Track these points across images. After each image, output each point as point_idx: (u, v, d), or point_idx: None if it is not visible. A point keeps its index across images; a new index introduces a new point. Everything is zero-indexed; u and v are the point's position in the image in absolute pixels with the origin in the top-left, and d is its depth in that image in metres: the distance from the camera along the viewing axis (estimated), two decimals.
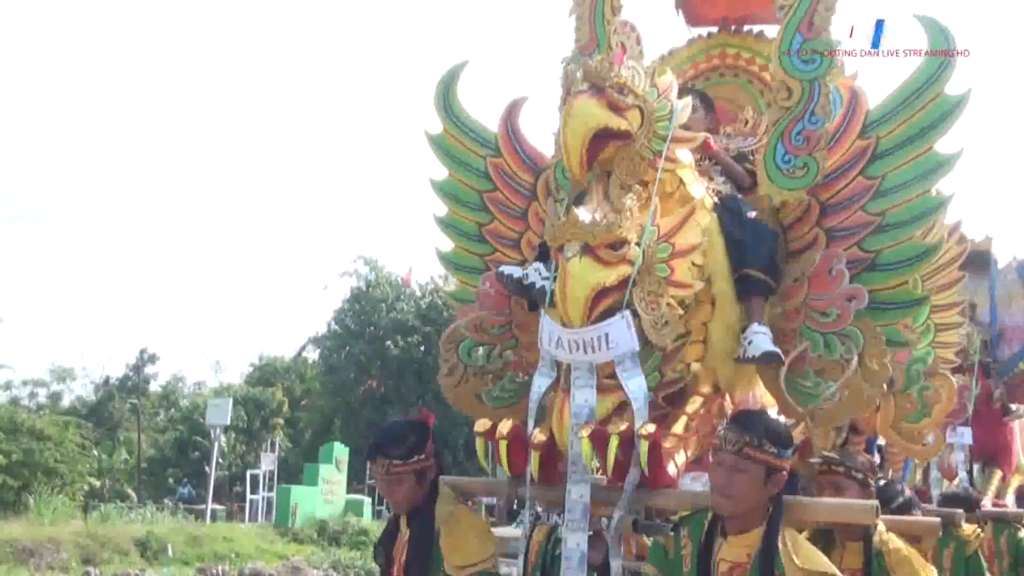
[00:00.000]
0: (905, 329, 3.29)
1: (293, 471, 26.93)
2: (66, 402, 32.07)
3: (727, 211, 3.31)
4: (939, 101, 3.14)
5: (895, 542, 3.46)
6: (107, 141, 68.14)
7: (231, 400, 26.77)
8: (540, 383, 3.09)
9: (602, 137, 2.98)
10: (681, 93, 3.90)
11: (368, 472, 3.80)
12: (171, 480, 30.12)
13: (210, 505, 24.11)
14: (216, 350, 74.93)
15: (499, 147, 3.86)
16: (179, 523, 20.26)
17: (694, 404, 3.21)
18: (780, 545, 2.75)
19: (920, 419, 4.63)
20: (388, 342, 29.07)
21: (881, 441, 5.05)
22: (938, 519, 3.82)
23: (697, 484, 3.08)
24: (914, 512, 4.66)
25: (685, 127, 3.67)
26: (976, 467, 6.72)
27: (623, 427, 2.85)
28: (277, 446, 28.65)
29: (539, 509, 3.14)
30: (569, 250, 2.91)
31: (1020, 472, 7.02)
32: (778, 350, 3.13)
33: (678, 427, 3.10)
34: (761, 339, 3.13)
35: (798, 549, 2.79)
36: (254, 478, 25.51)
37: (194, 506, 25.13)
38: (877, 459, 4.98)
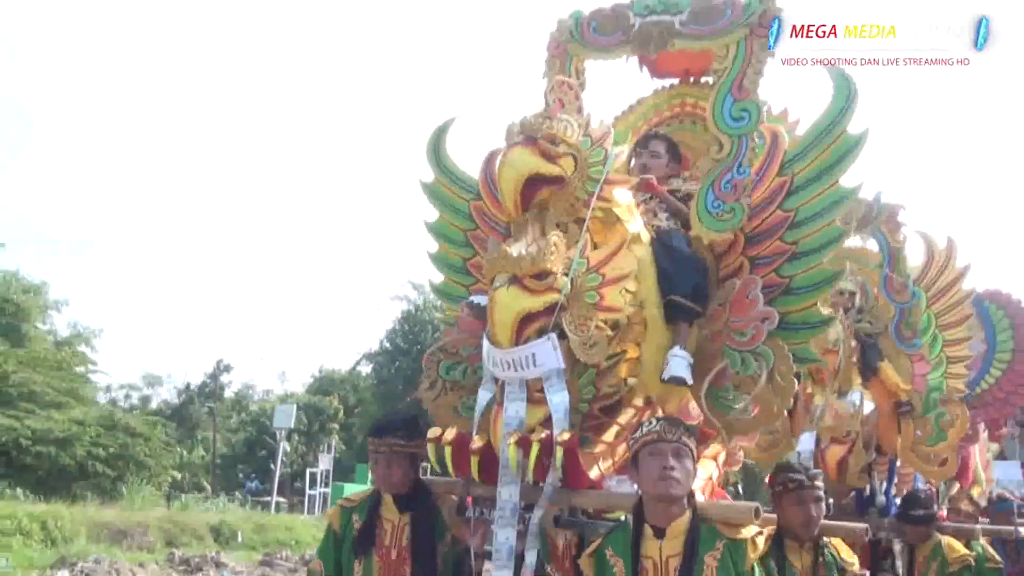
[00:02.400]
0: (815, 347, 3.33)
1: (346, 470, 27.16)
2: (154, 404, 32.75)
3: (660, 244, 3.39)
4: (842, 140, 3.23)
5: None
6: (191, 173, 69.44)
7: (295, 406, 27.08)
8: (483, 397, 3.19)
9: (535, 181, 3.07)
10: (652, 137, 4.04)
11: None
12: (241, 475, 30.52)
13: (275, 498, 24.43)
14: (282, 362, 75.69)
15: (479, 192, 3.97)
16: (247, 513, 20.56)
17: (626, 415, 3.30)
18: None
19: (937, 442, 4.67)
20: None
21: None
22: (864, 525, 3.81)
23: (624, 486, 3.14)
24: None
25: (645, 170, 3.79)
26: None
27: (544, 435, 2.92)
28: (333, 448, 28.94)
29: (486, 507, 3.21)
30: (498, 280, 3.01)
31: (979, 484, 6.96)
32: (684, 375, 3.21)
33: (608, 435, 3.18)
34: (675, 363, 3.21)
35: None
36: (312, 475, 25.78)
37: (260, 498, 25.47)
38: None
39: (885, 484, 5.05)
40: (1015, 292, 6.37)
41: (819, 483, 3.60)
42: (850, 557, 3.63)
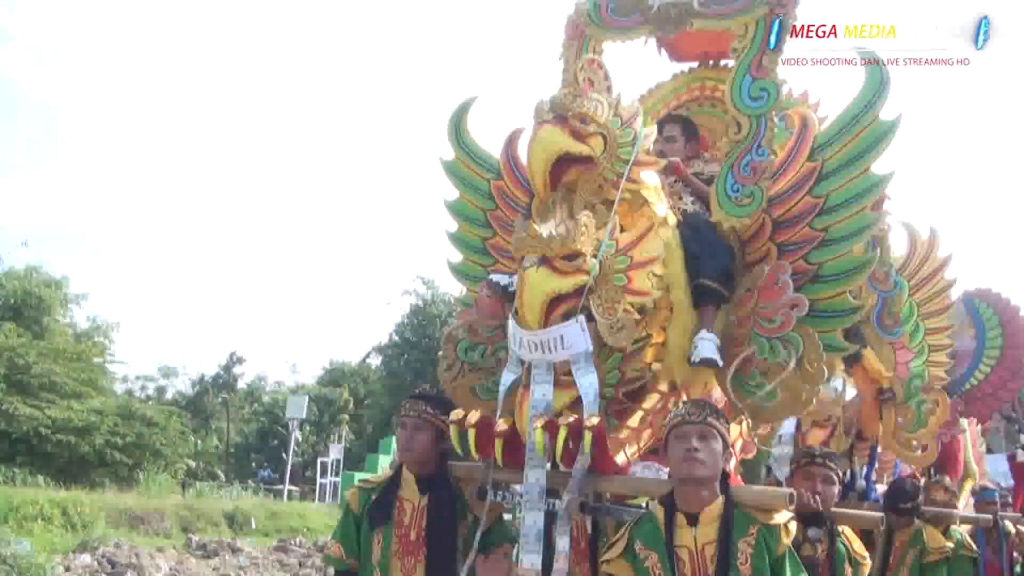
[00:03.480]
0: (842, 336, 3.16)
1: (357, 460, 27.04)
2: (169, 395, 32.63)
3: (688, 227, 3.24)
4: (874, 126, 3.07)
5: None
6: (206, 170, 69.42)
7: (307, 397, 26.96)
8: (507, 379, 3.04)
9: (564, 161, 2.93)
10: (667, 121, 3.88)
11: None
12: (254, 464, 30.46)
13: (287, 486, 24.33)
14: (293, 354, 75.65)
15: (500, 172, 3.82)
16: (261, 500, 20.49)
17: (651, 400, 3.16)
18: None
19: (917, 429, 4.53)
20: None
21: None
22: (879, 514, 3.66)
23: (649, 472, 2.99)
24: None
25: (662, 153, 3.62)
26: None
27: (572, 419, 2.77)
28: (343, 438, 28.81)
29: (504, 490, 3.05)
30: (528, 261, 2.87)
31: (971, 477, 6.84)
32: (715, 357, 3.05)
33: (633, 420, 3.03)
34: (704, 345, 3.05)
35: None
36: (324, 465, 25.68)
37: (273, 487, 25.37)
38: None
39: (866, 469, 4.92)
40: (1006, 292, 6.26)
41: (832, 464, 3.48)
42: (862, 551, 3.50)
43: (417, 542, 3.20)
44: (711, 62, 4.21)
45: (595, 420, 2.74)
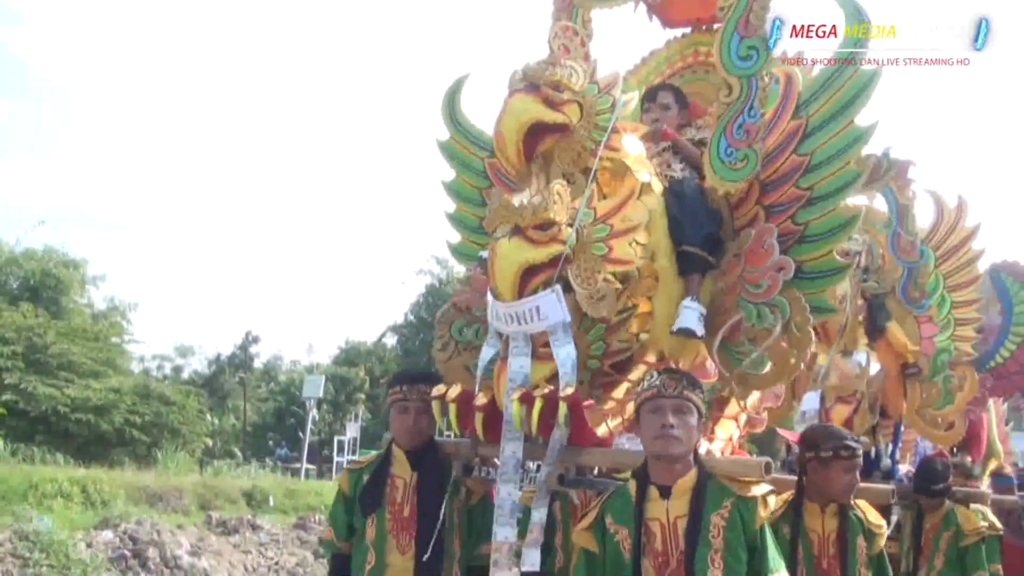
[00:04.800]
0: (831, 297, 3.07)
1: (373, 438, 27.21)
2: (186, 374, 32.87)
3: (672, 194, 3.15)
4: (856, 77, 2.96)
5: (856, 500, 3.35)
6: (221, 151, 69.50)
7: (324, 377, 27.05)
8: (486, 353, 3.00)
9: (538, 130, 2.86)
10: (661, 88, 3.78)
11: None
12: (271, 442, 30.70)
13: (304, 465, 24.47)
14: (308, 334, 75.96)
15: (493, 148, 3.74)
16: (278, 479, 20.60)
17: (638, 371, 3.10)
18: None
19: (944, 406, 4.45)
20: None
21: None
22: (891, 487, 3.56)
23: (634, 444, 2.92)
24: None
25: (657, 121, 3.53)
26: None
27: (547, 390, 2.72)
28: (359, 417, 28.92)
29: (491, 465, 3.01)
30: (500, 231, 2.80)
31: (995, 456, 6.72)
32: (694, 327, 2.95)
33: (618, 392, 2.98)
34: (686, 314, 2.96)
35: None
36: (340, 443, 25.82)
37: (290, 465, 25.52)
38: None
39: (890, 447, 4.76)
40: None
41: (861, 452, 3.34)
42: (877, 520, 3.38)
43: (410, 518, 3.18)
44: (704, 27, 4.08)
45: (570, 391, 2.68)
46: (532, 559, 2.74)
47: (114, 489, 14.45)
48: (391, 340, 34.35)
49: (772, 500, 2.62)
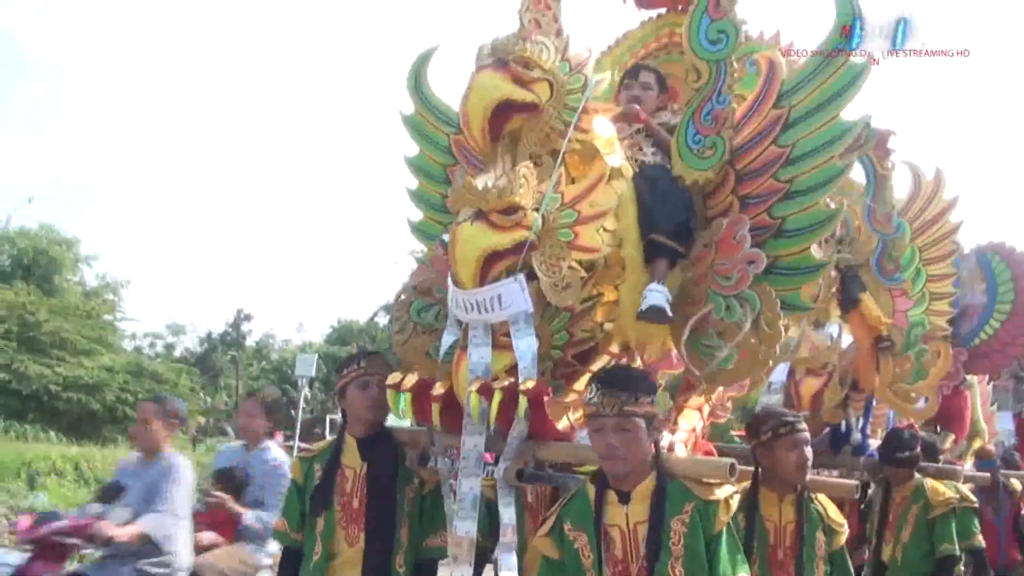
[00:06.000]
0: (806, 294, 2.93)
1: None
2: (178, 352, 32.64)
3: (643, 179, 2.99)
4: (845, 69, 2.81)
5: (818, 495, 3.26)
6: (212, 127, 69.02)
7: (316, 356, 26.91)
8: (446, 340, 2.86)
9: (505, 108, 2.69)
10: (643, 68, 3.63)
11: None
12: None
13: (297, 443, 24.35)
14: (300, 313, 75.81)
15: (459, 125, 3.59)
16: None
17: (601, 362, 2.95)
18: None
19: (916, 380, 4.32)
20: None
21: None
22: (855, 482, 3.47)
23: None
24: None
25: (636, 102, 3.38)
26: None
27: (507, 383, 2.58)
28: None
29: (447, 455, 2.88)
30: (462, 215, 2.65)
31: (979, 436, 6.65)
32: (663, 305, 2.80)
33: (580, 384, 2.83)
34: (653, 295, 2.80)
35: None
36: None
37: (282, 443, 25.42)
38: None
39: (861, 421, 4.63)
40: (1020, 246, 5.96)
41: (804, 425, 3.23)
42: (838, 518, 3.28)
43: (360, 510, 3.06)
44: (679, 7, 3.92)
45: (531, 384, 2.54)
46: (508, 563, 2.62)
47: (107, 467, 14.37)
48: (383, 319, 34.18)
49: (735, 502, 2.48)
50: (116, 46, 67.55)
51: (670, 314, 2.81)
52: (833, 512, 3.27)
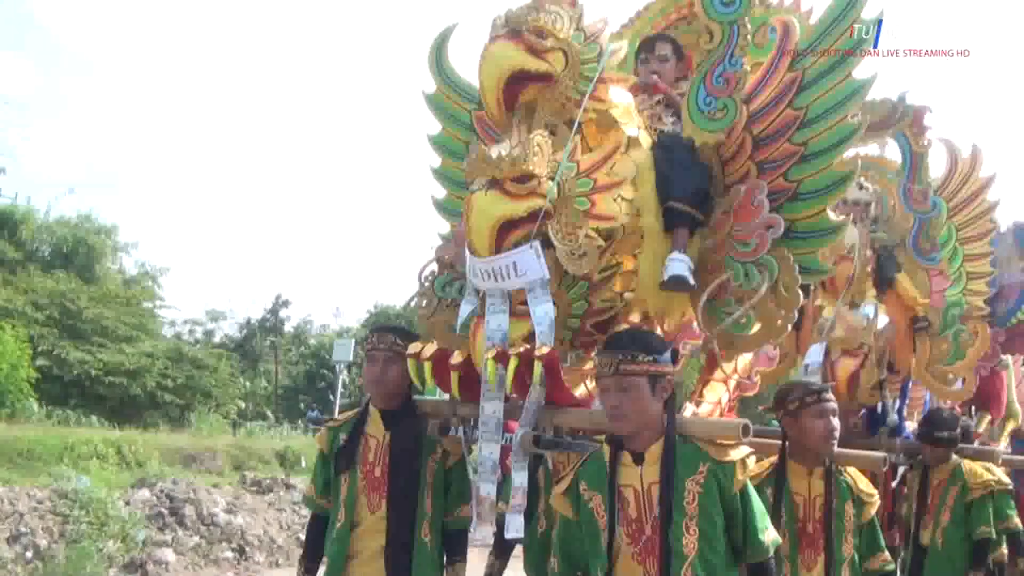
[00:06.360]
0: (824, 257, 2.94)
1: None
2: (217, 338, 33.02)
3: (661, 148, 3.03)
4: (857, 28, 2.82)
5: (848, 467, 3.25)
6: (250, 113, 69.74)
7: (353, 340, 27.20)
8: (464, 309, 2.93)
9: (520, 79, 2.73)
10: (659, 39, 3.65)
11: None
12: (302, 405, 30.87)
13: None
14: (337, 298, 76.37)
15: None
16: (310, 440, 20.83)
17: None
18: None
19: (954, 361, 4.32)
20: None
21: None
22: (882, 454, 3.46)
23: None
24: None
25: (655, 73, 3.41)
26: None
27: (522, 349, 2.63)
28: None
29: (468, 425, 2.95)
30: (476, 184, 2.70)
31: (1014, 418, 6.57)
32: (685, 275, 2.84)
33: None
34: (675, 265, 2.85)
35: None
36: None
37: (320, 427, 25.76)
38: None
39: (898, 403, 4.59)
40: None
41: (831, 395, 3.23)
42: (868, 489, 3.28)
43: (382, 478, 3.15)
44: None
45: (545, 350, 2.59)
46: (516, 525, 2.68)
47: (148, 450, 14.74)
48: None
49: (752, 462, 2.52)
50: (152, 33, 68.45)
51: (692, 283, 2.85)
52: (864, 483, 3.27)
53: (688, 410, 3.35)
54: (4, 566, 7.71)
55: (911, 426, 4.72)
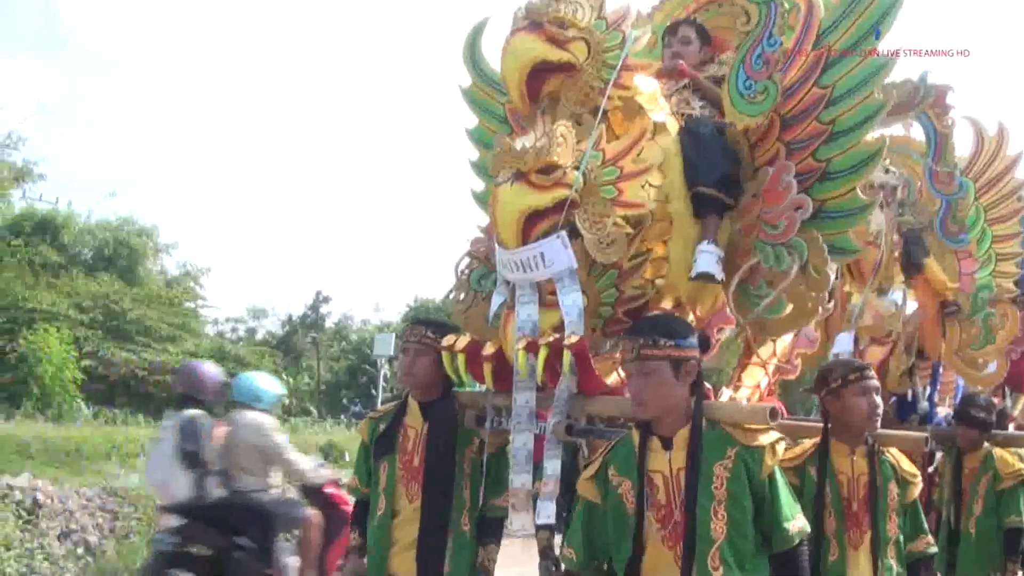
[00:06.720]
0: (854, 236, 2.93)
1: None
2: (260, 336, 33.59)
3: (688, 133, 3.05)
4: (879, 2, 2.80)
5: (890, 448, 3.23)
6: (286, 112, 70.45)
7: (394, 335, 27.44)
8: (495, 301, 2.96)
9: (542, 70, 2.78)
10: (682, 23, 3.66)
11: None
12: (344, 400, 31.26)
13: None
14: (376, 293, 76.94)
15: None
16: (353, 434, 21.08)
17: None
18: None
19: (984, 345, 4.28)
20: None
21: None
22: (924, 434, 3.43)
23: None
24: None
25: (678, 58, 3.42)
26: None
27: (552, 339, 2.67)
28: None
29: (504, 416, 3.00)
30: (501, 177, 2.74)
31: None
32: (713, 271, 2.86)
33: None
34: (704, 258, 2.87)
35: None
36: None
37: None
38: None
39: (928, 390, 4.55)
40: None
41: (873, 373, 3.21)
42: (912, 469, 3.25)
43: (419, 468, 3.21)
44: None
45: (574, 339, 2.62)
46: (547, 511, 2.72)
47: None
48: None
49: (781, 448, 2.52)
50: (186, 32, 69.45)
51: (720, 277, 2.87)
52: (906, 464, 3.26)
53: (725, 395, 3.36)
54: (56, 562, 7.96)
55: (943, 412, 4.68)
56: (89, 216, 24.15)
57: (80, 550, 8.24)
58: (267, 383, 5.60)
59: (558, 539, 2.77)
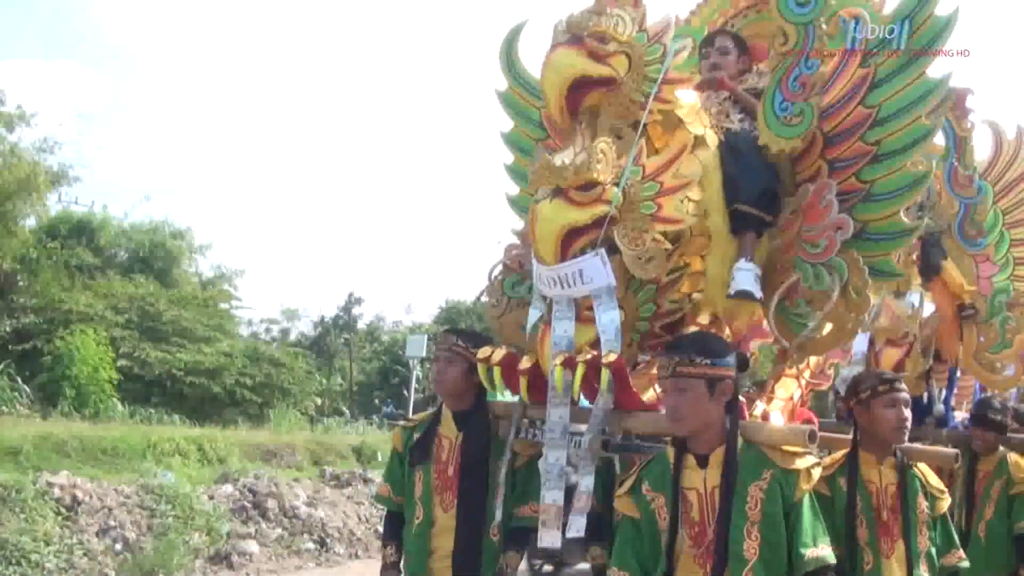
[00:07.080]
0: (896, 260, 2.94)
1: None
2: (292, 336, 33.92)
3: (728, 148, 3.05)
4: (930, 24, 2.79)
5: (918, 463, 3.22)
6: (317, 115, 71.03)
7: (426, 336, 27.57)
8: (532, 315, 2.99)
9: (583, 84, 2.79)
10: (718, 33, 3.68)
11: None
12: (376, 401, 31.47)
13: None
14: (408, 294, 77.28)
15: None
16: (385, 435, 21.20)
17: None
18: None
19: (1001, 349, 4.23)
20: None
21: None
22: (955, 450, 3.41)
23: None
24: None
25: (715, 69, 3.42)
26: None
27: (590, 356, 2.69)
28: None
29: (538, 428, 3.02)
30: (541, 193, 2.77)
31: None
32: (751, 289, 2.86)
33: None
34: (741, 276, 2.88)
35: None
36: None
37: (395, 422, 26.15)
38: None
39: (944, 393, 4.54)
40: None
41: (904, 385, 3.20)
42: (939, 485, 3.25)
43: (454, 477, 3.24)
44: None
45: (612, 357, 2.64)
46: (578, 525, 2.74)
47: (229, 447, 15.24)
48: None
49: (816, 473, 2.51)
50: (228, 39, 70.38)
51: (758, 295, 2.87)
52: (934, 479, 3.26)
53: (759, 408, 3.37)
54: (95, 557, 8.14)
55: (960, 416, 4.63)
56: (125, 219, 24.56)
57: (118, 546, 8.42)
58: None
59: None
